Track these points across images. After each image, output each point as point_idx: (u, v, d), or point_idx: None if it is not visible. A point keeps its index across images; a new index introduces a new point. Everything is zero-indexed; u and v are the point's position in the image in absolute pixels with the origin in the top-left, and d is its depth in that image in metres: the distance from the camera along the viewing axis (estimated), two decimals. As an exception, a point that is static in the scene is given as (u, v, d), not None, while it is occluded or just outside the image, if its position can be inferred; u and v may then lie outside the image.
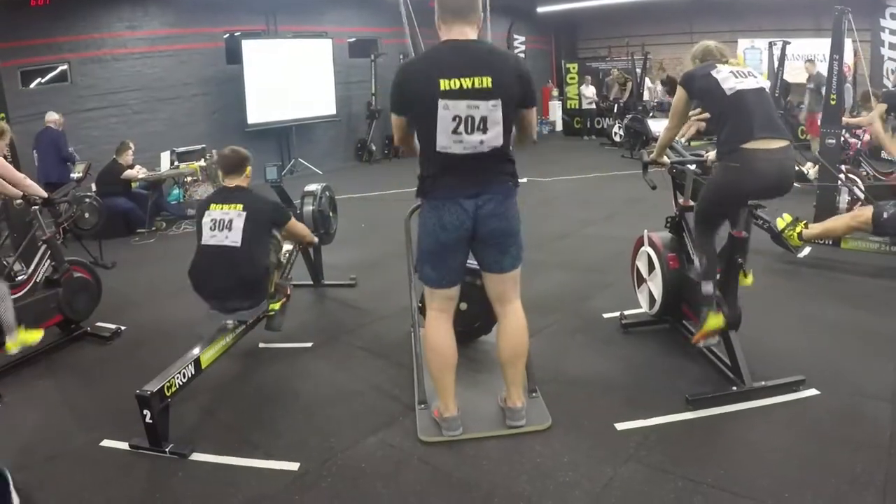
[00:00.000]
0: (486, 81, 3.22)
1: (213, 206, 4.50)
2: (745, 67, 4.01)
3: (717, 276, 4.11)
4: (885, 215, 5.81)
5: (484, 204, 3.40)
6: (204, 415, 4.13)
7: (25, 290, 5.11)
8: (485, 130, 3.27)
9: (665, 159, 4.62)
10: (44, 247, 5.33)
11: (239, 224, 4.36)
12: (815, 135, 9.64)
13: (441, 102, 3.21)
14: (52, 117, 9.72)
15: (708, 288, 4.06)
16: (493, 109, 3.25)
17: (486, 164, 3.38)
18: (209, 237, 4.42)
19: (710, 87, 3.87)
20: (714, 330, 4.02)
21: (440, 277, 3.59)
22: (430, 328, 3.64)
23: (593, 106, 18.47)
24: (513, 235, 3.54)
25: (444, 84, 3.19)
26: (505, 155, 3.44)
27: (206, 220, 4.46)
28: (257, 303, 4.55)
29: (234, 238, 4.35)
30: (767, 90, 4.06)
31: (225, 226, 4.38)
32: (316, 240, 5.63)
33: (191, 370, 3.98)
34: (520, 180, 3.57)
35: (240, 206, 4.42)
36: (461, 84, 3.20)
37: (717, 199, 4.00)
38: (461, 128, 3.25)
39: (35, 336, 4.90)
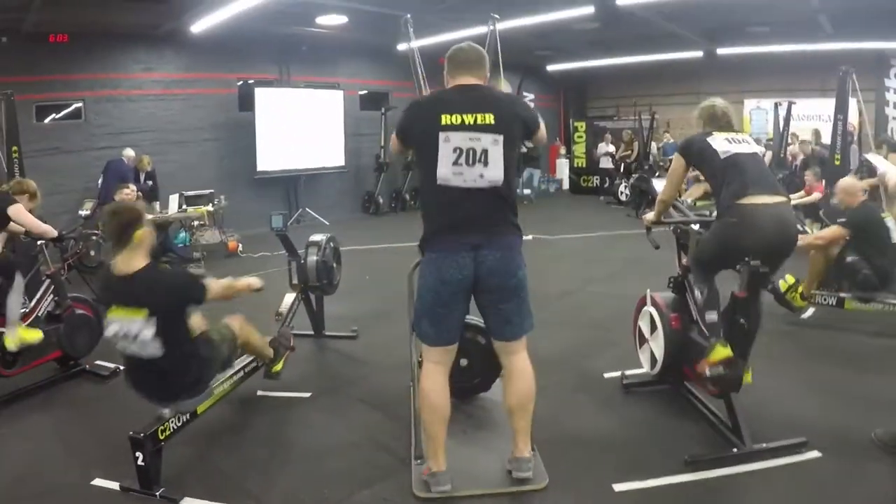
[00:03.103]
0: (489, 118, 3.37)
1: (113, 309, 3.67)
2: (740, 135, 4.11)
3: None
4: (849, 259, 6.02)
5: (485, 259, 3.40)
6: (198, 460, 4.09)
7: (27, 323, 5.11)
8: (486, 163, 3.36)
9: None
10: (48, 281, 5.35)
11: (148, 334, 3.58)
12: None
13: (442, 135, 3.34)
14: (128, 153, 10.66)
15: (712, 316, 4.05)
16: (494, 144, 3.36)
17: (487, 207, 3.42)
18: (122, 346, 3.69)
19: (706, 153, 4.00)
20: (721, 360, 3.88)
21: (438, 334, 3.56)
22: (426, 380, 3.59)
23: (610, 165, 18.03)
24: (516, 296, 3.52)
25: (445, 119, 3.34)
26: (507, 199, 3.49)
27: (110, 331, 3.68)
28: (197, 394, 3.99)
29: (151, 351, 3.62)
30: (761, 155, 4.14)
31: (133, 338, 3.60)
32: (257, 284, 4.34)
33: (186, 415, 3.96)
34: (525, 237, 3.58)
35: (143, 312, 3.56)
36: (463, 119, 3.35)
37: (713, 254, 4.04)
38: (461, 159, 3.36)
39: (35, 335, 4.93)
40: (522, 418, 3.65)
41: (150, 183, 10.97)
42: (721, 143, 3.98)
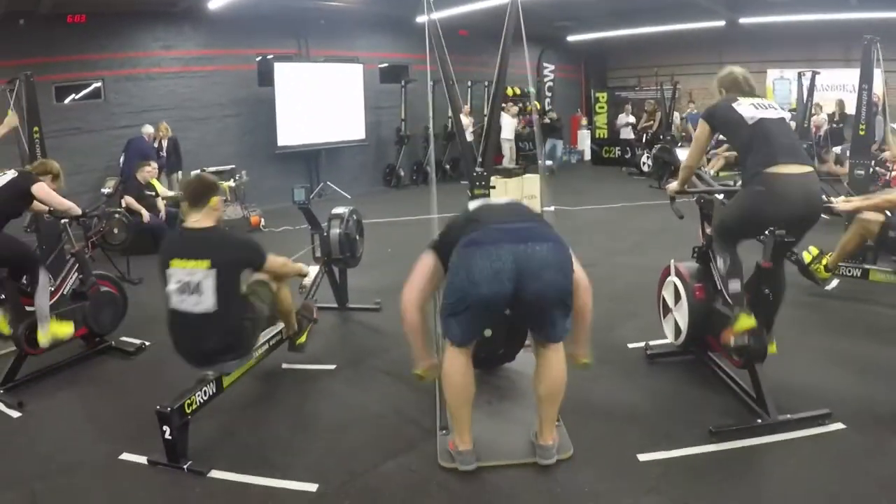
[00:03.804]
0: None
1: (175, 261, 3.88)
2: (765, 100, 4.04)
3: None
4: (892, 234, 5.90)
5: (533, 251, 3.31)
6: (224, 433, 4.13)
7: (52, 301, 5.16)
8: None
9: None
10: (72, 260, 5.39)
11: (209, 285, 3.80)
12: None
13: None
14: (147, 130, 10.86)
15: (735, 286, 4.00)
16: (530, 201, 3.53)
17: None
18: (178, 301, 3.87)
19: (732, 119, 3.92)
20: (745, 330, 3.88)
21: (464, 336, 3.49)
22: (449, 362, 3.54)
23: (631, 135, 18.10)
24: (569, 293, 3.43)
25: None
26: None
27: (172, 282, 3.88)
28: (241, 356, 4.19)
29: (205, 304, 3.81)
30: (788, 120, 4.05)
31: (193, 289, 3.82)
32: (306, 270, 5.05)
33: (212, 388, 4.00)
34: (548, 208, 3.58)
35: (206, 263, 3.81)
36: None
37: (738, 222, 3.98)
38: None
39: (66, 329, 4.99)
40: (551, 407, 3.61)
41: (163, 155, 10.98)
42: (747, 108, 3.90)
